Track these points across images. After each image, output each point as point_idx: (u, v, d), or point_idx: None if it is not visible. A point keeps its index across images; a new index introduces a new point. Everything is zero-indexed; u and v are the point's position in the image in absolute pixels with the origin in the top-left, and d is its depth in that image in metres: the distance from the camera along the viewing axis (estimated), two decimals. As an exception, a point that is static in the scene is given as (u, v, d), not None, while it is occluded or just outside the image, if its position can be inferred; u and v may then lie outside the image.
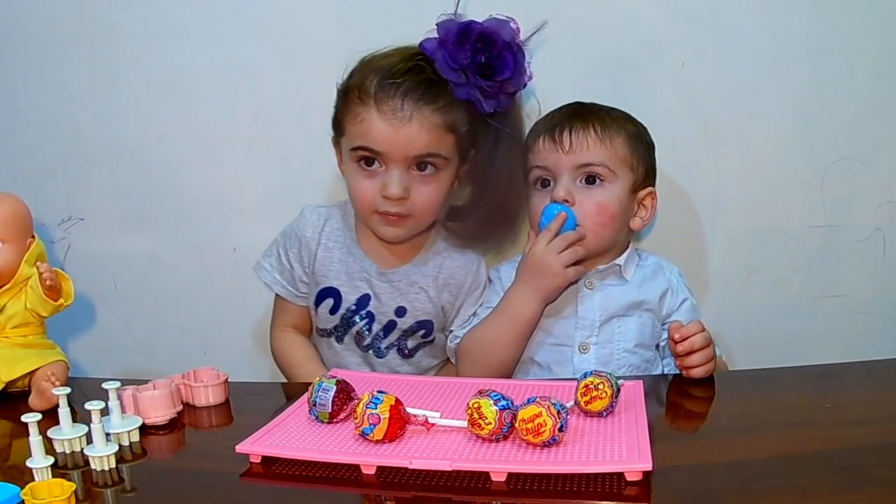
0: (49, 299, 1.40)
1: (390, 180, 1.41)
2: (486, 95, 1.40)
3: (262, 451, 1.06)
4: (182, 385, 1.31)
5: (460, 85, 1.39)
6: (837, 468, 1.00)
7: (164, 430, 1.22)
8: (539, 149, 1.49)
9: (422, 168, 1.43)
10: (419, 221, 1.48)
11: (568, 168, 1.46)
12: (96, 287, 1.87)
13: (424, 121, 1.38)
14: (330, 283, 1.54)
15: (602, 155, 1.46)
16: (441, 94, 1.39)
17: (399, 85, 1.38)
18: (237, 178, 1.81)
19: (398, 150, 1.39)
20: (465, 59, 1.38)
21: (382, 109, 1.38)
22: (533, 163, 1.51)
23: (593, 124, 1.47)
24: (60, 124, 1.81)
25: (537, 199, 1.50)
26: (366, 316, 1.55)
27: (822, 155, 1.75)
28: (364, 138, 1.41)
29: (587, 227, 1.45)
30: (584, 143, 1.46)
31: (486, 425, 1.03)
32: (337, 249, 1.54)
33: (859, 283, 1.81)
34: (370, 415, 1.04)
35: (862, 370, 1.42)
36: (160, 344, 1.90)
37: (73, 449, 1.13)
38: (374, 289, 1.54)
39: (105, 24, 1.76)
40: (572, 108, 1.52)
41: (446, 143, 1.42)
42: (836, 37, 1.70)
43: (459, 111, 1.41)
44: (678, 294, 1.53)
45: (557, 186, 1.46)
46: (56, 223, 1.85)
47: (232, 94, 1.76)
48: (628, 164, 1.47)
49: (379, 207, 1.43)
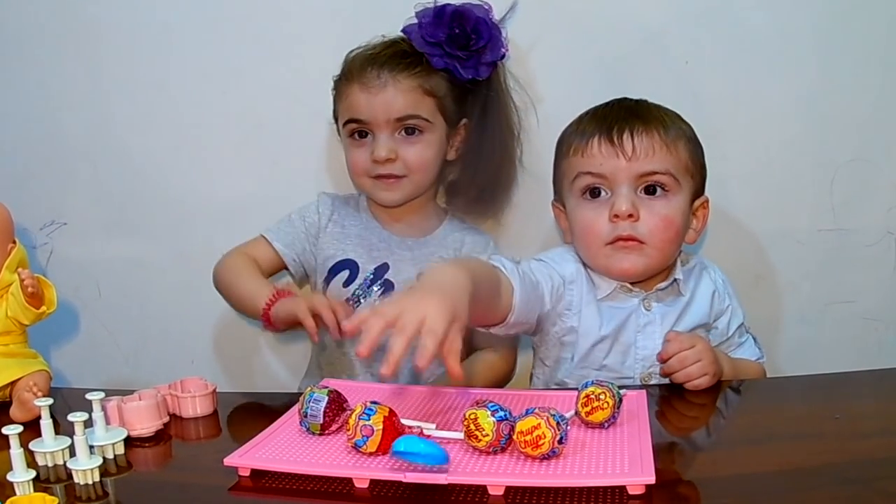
0: (31, 307, 1.40)
1: (378, 145, 1.56)
2: (463, 64, 1.56)
3: (252, 465, 1.06)
4: (169, 395, 1.31)
5: (435, 55, 1.55)
6: (847, 481, 1.00)
7: (149, 442, 1.22)
8: (593, 152, 1.38)
9: (409, 132, 1.57)
10: (414, 182, 1.60)
11: (629, 177, 1.36)
12: (80, 294, 1.87)
13: (399, 84, 1.54)
14: (346, 255, 1.63)
15: (668, 162, 1.37)
16: (416, 62, 1.56)
17: (377, 58, 1.56)
18: (226, 181, 1.82)
19: (379, 114, 1.55)
20: (440, 34, 1.55)
21: (362, 82, 1.55)
22: (581, 168, 1.40)
23: (656, 126, 1.38)
24: (42, 125, 1.82)
25: (588, 212, 1.40)
26: (382, 285, 1.62)
27: (831, 156, 1.75)
28: (349, 111, 1.58)
29: (652, 244, 1.37)
30: (649, 149, 1.36)
31: (483, 437, 1.03)
32: (353, 226, 1.66)
33: (870, 288, 1.81)
34: (363, 426, 1.04)
35: (873, 379, 1.42)
36: (146, 353, 1.90)
37: (55, 462, 1.13)
38: (393, 258, 1.63)
39: (89, 21, 1.76)
40: (624, 105, 1.44)
41: (426, 106, 1.56)
42: (846, 33, 1.70)
43: (436, 78, 1.57)
44: (724, 298, 1.49)
45: (618, 198, 1.36)
46: (38, 228, 1.85)
47: (221, 93, 1.77)
48: (690, 172, 1.41)
49: (371, 172, 1.58)
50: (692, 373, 1.32)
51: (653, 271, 1.41)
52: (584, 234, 1.41)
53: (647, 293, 1.42)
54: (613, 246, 1.38)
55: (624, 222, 1.36)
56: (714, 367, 1.33)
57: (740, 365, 1.45)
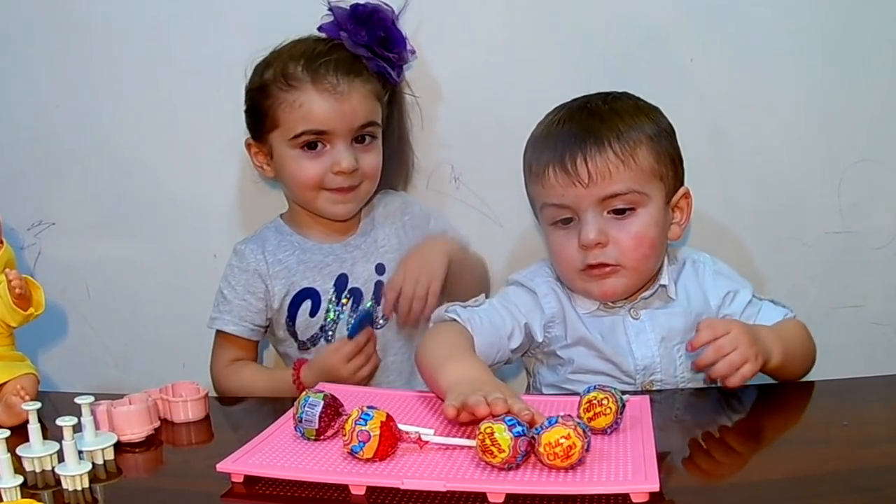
0: (18, 308, 1.40)
1: (340, 156, 1.53)
2: (393, 66, 1.59)
3: (245, 470, 1.05)
4: (159, 400, 1.31)
5: (370, 58, 1.57)
6: (856, 489, 1.00)
7: (140, 447, 1.22)
8: (550, 183, 1.35)
9: (361, 140, 1.56)
10: (367, 190, 1.60)
11: (591, 203, 1.34)
12: (68, 295, 1.87)
13: (358, 92, 1.53)
14: (300, 286, 1.59)
15: (628, 179, 1.33)
16: (362, 66, 1.56)
17: (329, 62, 1.52)
18: (218, 180, 1.82)
19: (343, 124, 1.52)
20: (366, 36, 1.56)
21: (321, 88, 1.51)
22: (544, 199, 1.39)
23: (609, 141, 1.33)
24: (30, 123, 1.82)
25: (562, 239, 1.39)
26: (349, 295, 1.61)
27: (838, 157, 1.75)
28: (307, 121, 1.52)
29: (627, 265, 1.35)
30: (604, 171, 1.32)
31: (499, 453, 0.99)
32: (291, 256, 1.61)
33: (878, 292, 1.81)
34: (359, 432, 1.04)
35: (881, 385, 1.42)
36: (136, 356, 1.90)
37: (43, 467, 1.13)
38: (346, 265, 1.61)
39: (79, 17, 1.77)
40: (576, 119, 1.38)
41: (377, 111, 1.58)
42: (854, 31, 1.71)
43: (377, 82, 1.58)
44: (721, 287, 1.45)
45: (584, 227, 1.34)
46: (26, 228, 1.85)
47: (213, 90, 1.77)
48: (657, 176, 1.36)
49: (328, 185, 1.55)
50: (735, 361, 1.25)
51: (635, 288, 1.40)
52: (558, 261, 1.42)
53: (633, 303, 1.42)
54: (587, 273, 1.37)
55: (593, 251, 1.35)
56: (753, 349, 1.26)
57: (784, 331, 1.39)
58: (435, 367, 1.24)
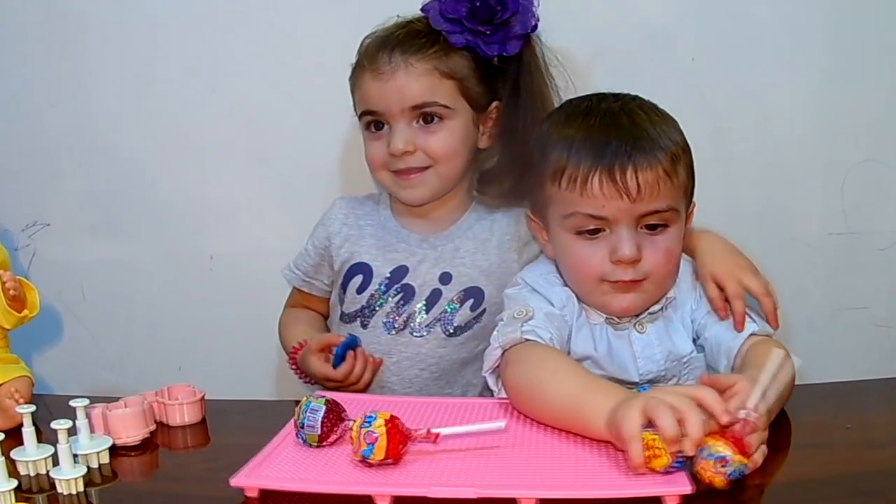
0: (12, 310, 1.40)
1: (394, 136, 1.47)
2: (487, 40, 1.47)
3: (261, 484, 1.03)
4: (155, 403, 1.31)
5: (455, 32, 1.47)
6: (860, 493, 1.00)
7: (135, 451, 1.22)
8: (593, 192, 1.26)
9: (428, 120, 1.48)
10: (440, 174, 1.51)
11: (632, 217, 1.26)
12: (63, 297, 1.87)
13: (412, 69, 1.46)
14: (360, 258, 1.56)
15: (671, 196, 1.27)
16: (432, 42, 1.47)
17: (387, 41, 1.48)
18: (215, 181, 1.81)
19: (393, 103, 1.46)
20: (461, 8, 1.46)
21: (373, 69, 1.47)
22: (579, 208, 1.28)
23: (659, 155, 1.26)
24: (25, 122, 1.82)
25: (587, 251, 1.30)
26: (400, 290, 1.54)
27: (842, 157, 1.75)
28: (363, 103, 1.51)
29: (653, 281, 1.30)
30: (654, 186, 1.25)
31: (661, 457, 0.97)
32: (369, 226, 1.59)
33: (882, 294, 1.81)
34: (366, 433, 1.02)
35: (885, 388, 1.42)
36: (132, 358, 1.90)
37: (37, 471, 1.12)
38: (412, 259, 1.55)
39: (74, 15, 1.76)
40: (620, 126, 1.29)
41: (444, 91, 1.47)
42: (857, 29, 1.70)
43: (456, 58, 1.48)
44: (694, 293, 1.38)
45: (621, 242, 1.26)
46: (20, 229, 1.85)
47: (210, 90, 1.77)
48: (686, 193, 1.32)
49: (390, 166, 1.50)
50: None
51: (652, 303, 1.34)
52: (579, 271, 1.33)
53: (640, 317, 1.36)
54: (613, 286, 1.30)
55: (627, 267, 1.28)
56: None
57: (782, 387, 1.16)
58: (576, 400, 1.14)
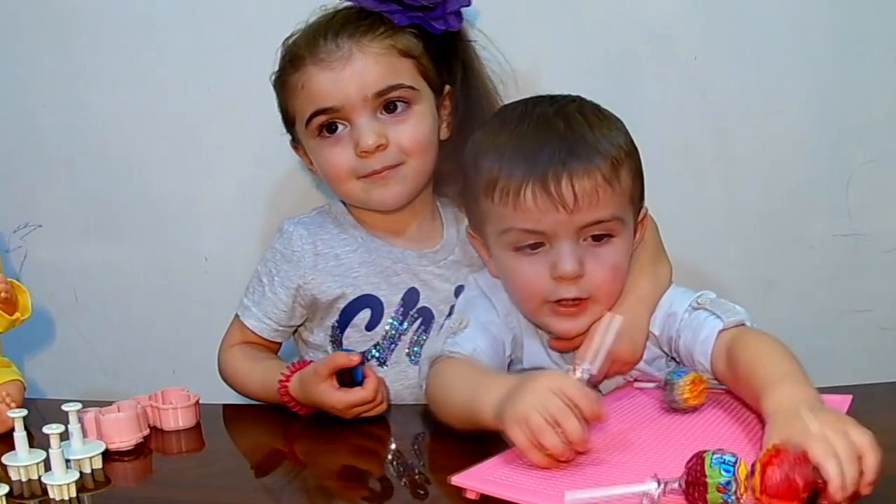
0: (4, 313, 1.40)
1: (360, 133, 1.33)
2: (431, 15, 1.38)
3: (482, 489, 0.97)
4: (149, 407, 1.31)
5: (396, 13, 1.36)
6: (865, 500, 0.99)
7: (129, 456, 1.22)
8: (525, 205, 1.17)
9: (391, 109, 1.36)
10: (414, 169, 1.38)
11: (571, 230, 1.18)
12: (55, 300, 1.87)
13: (368, 50, 1.33)
14: (360, 291, 1.40)
15: (614, 205, 1.19)
16: (378, 22, 1.36)
17: (329, 29, 1.35)
18: (209, 182, 1.81)
19: (352, 93, 1.33)
20: None
21: (317, 60, 1.34)
22: (513, 223, 1.20)
23: (597, 160, 1.18)
24: (16, 123, 1.82)
25: (528, 268, 1.22)
26: (417, 315, 1.42)
27: (847, 157, 1.75)
28: (312, 101, 1.35)
29: (597, 300, 1.22)
30: (593, 195, 1.17)
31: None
32: (352, 253, 1.42)
33: (887, 296, 1.81)
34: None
35: (890, 392, 1.42)
36: (125, 362, 1.90)
37: (29, 476, 1.12)
38: (417, 279, 1.42)
39: (66, 14, 1.76)
40: (552, 128, 1.20)
41: (406, 71, 1.36)
42: (862, 28, 1.70)
43: (407, 36, 1.37)
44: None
45: (561, 258, 1.18)
46: (11, 230, 1.85)
47: (204, 90, 1.77)
48: (633, 199, 1.24)
49: (360, 171, 1.36)
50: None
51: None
52: (520, 291, 1.26)
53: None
54: (555, 308, 1.23)
55: (569, 284, 1.20)
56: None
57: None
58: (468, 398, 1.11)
